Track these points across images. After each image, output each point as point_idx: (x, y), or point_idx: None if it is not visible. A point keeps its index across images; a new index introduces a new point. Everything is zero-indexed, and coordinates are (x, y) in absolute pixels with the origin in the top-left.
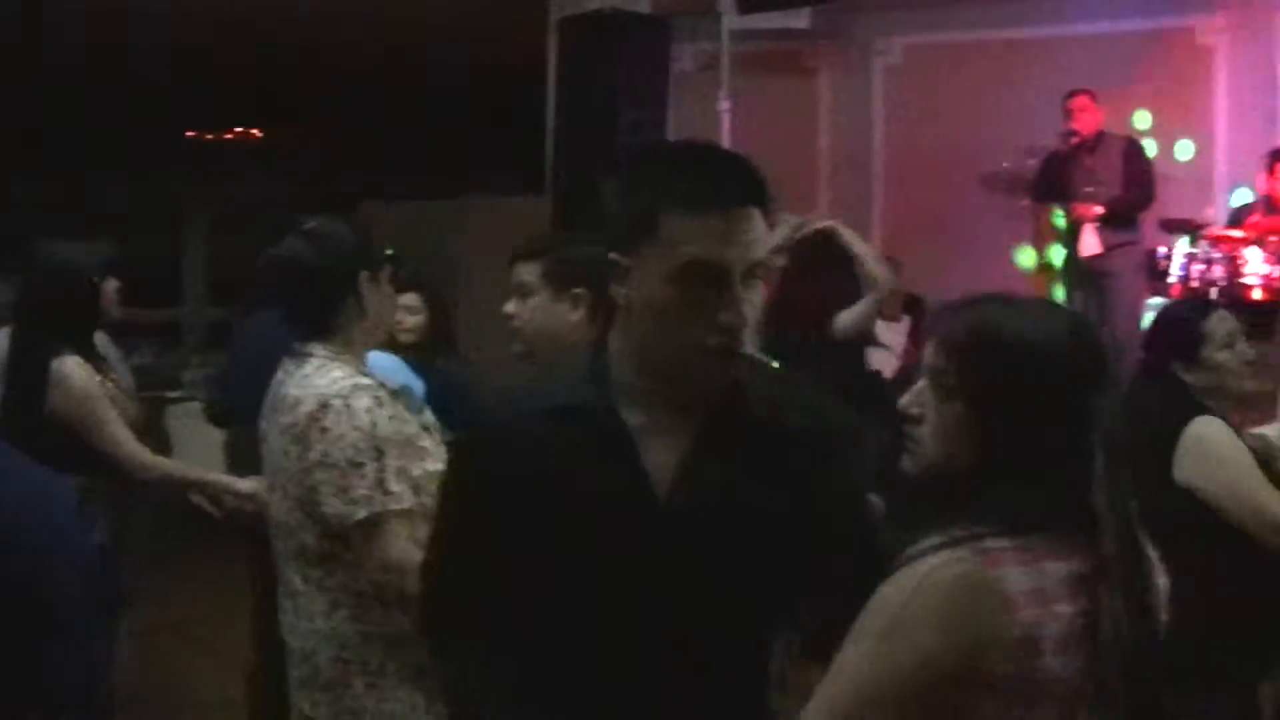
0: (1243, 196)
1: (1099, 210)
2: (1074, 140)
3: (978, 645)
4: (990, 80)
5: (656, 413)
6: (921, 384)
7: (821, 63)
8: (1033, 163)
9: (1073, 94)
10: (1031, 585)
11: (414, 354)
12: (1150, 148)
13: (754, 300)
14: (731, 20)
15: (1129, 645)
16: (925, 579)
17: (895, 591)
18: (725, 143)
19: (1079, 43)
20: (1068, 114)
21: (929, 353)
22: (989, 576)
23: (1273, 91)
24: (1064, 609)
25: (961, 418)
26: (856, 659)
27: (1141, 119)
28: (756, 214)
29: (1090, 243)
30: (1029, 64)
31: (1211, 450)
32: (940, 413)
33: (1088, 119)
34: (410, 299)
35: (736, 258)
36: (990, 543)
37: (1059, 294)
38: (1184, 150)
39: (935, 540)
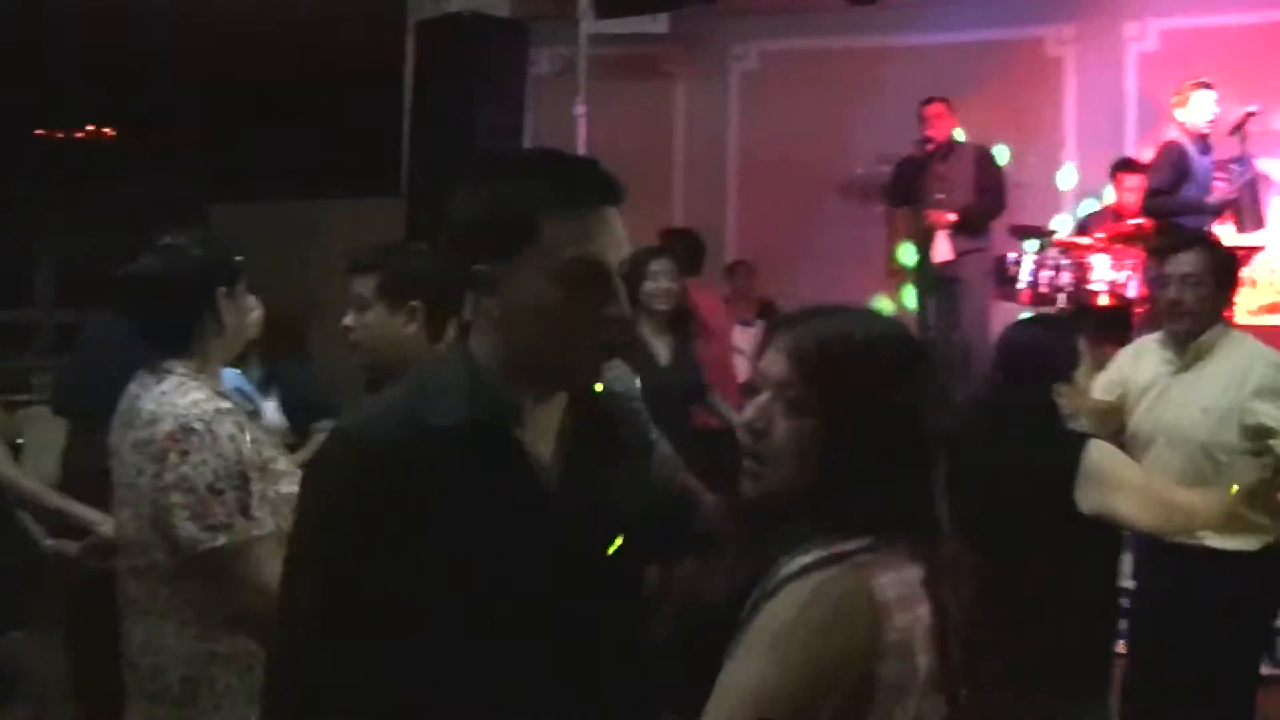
0: (1090, 205)
1: (951, 217)
2: (928, 147)
3: (864, 654)
4: (845, 87)
5: (525, 413)
6: (766, 397)
7: (679, 68)
8: (887, 169)
9: (927, 101)
10: (899, 592)
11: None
12: (1001, 156)
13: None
14: (589, 25)
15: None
16: (813, 594)
17: (785, 607)
18: (581, 147)
19: (932, 51)
20: (922, 120)
21: (773, 365)
22: (868, 587)
23: (1120, 102)
24: (923, 611)
25: (809, 430)
26: (751, 675)
27: (992, 127)
28: (618, 212)
29: (942, 249)
30: (884, 72)
31: (1114, 474)
32: (788, 426)
33: (941, 125)
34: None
35: (614, 255)
36: (862, 556)
37: (910, 298)
38: (1034, 158)
39: (813, 556)
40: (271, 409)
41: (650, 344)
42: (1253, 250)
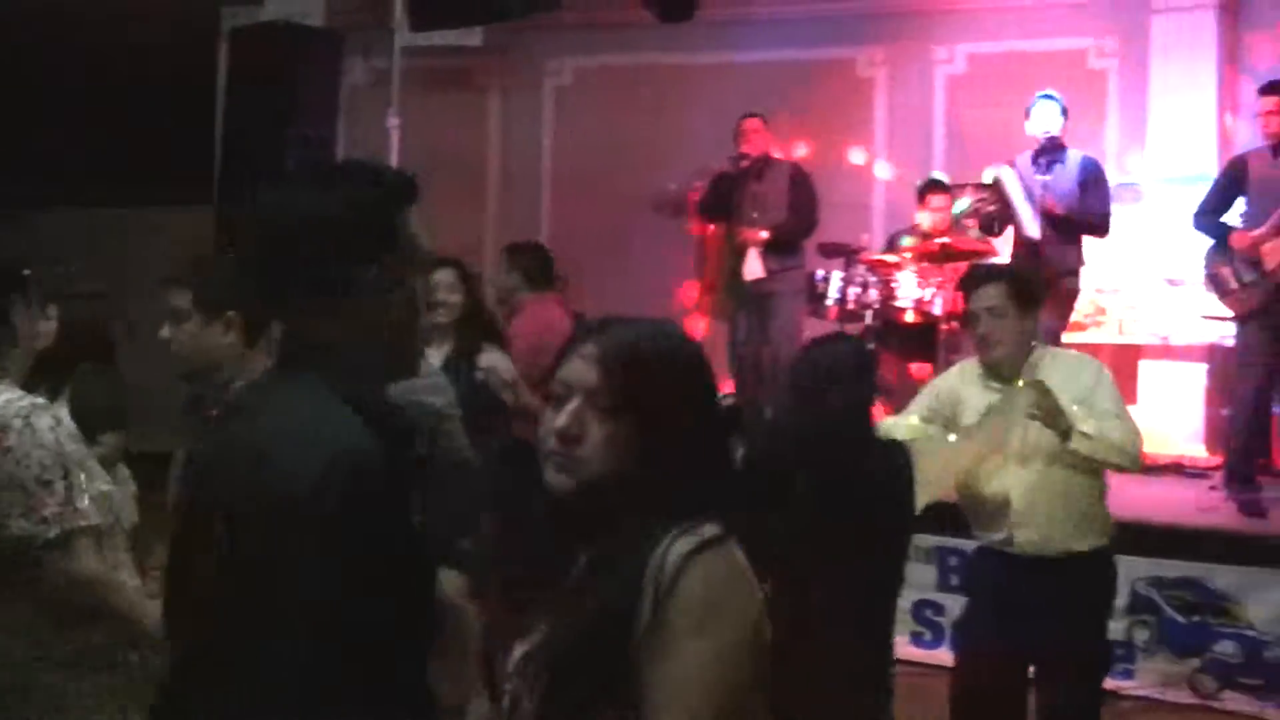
0: (898, 223)
1: (764, 235)
2: (743, 163)
3: (760, 621)
4: (659, 104)
5: None
6: (576, 403)
7: (493, 81)
8: (699, 185)
9: (745, 116)
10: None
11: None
12: (813, 173)
13: None
14: (404, 36)
15: None
16: (715, 573)
17: (698, 591)
18: (394, 158)
19: (745, 70)
20: (739, 135)
21: (582, 373)
22: (743, 561)
23: (929, 123)
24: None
25: (622, 432)
26: (693, 666)
27: (804, 146)
28: None
29: (754, 267)
30: (697, 89)
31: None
32: (601, 429)
33: (758, 141)
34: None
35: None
36: (723, 536)
37: (722, 312)
38: (844, 177)
39: (690, 542)
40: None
41: (426, 355)
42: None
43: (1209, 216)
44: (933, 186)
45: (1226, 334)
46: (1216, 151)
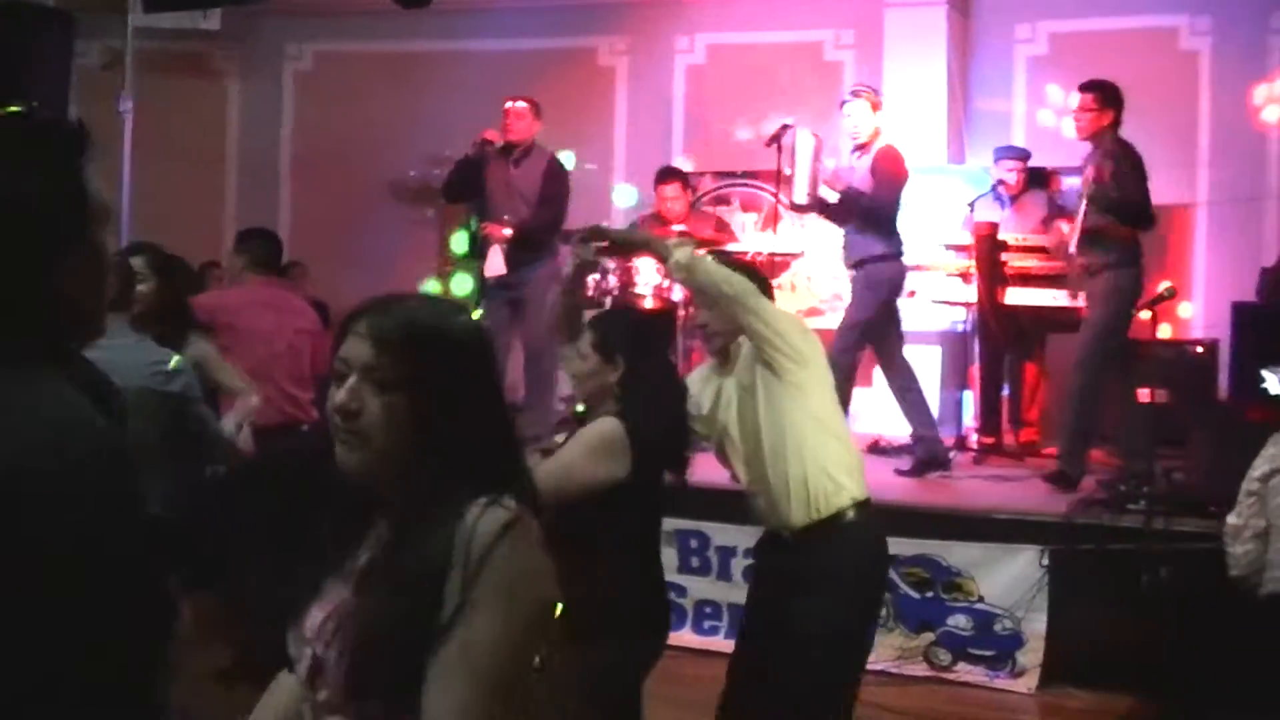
0: (638, 210)
1: (507, 233)
2: (489, 148)
3: (555, 595)
4: (399, 91)
5: None
6: (354, 380)
7: (232, 65)
8: (439, 172)
9: (510, 100)
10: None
11: None
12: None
13: None
14: (138, 18)
15: None
16: (519, 544)
17: (504, 562)
18: (128, 143)
19: (486, 58)
20: (505, 117)
21: (358, 350)
22: (538, 535)
23: (669, 112)
24: None
25: (398, 406)
26: (491, 630)
27: (547, 134)
28: None
29: (495, 263)
30: (438, 76)
31: None
32: (380, 404)
33: (522, 127)
34: None
35: None
36: (519, 509)
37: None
38: (587, 164)
39: (498, 517)
40: None
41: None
42: (791, 257)
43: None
44: (667, 175)
45: (958, 319)
46: (947, 143)
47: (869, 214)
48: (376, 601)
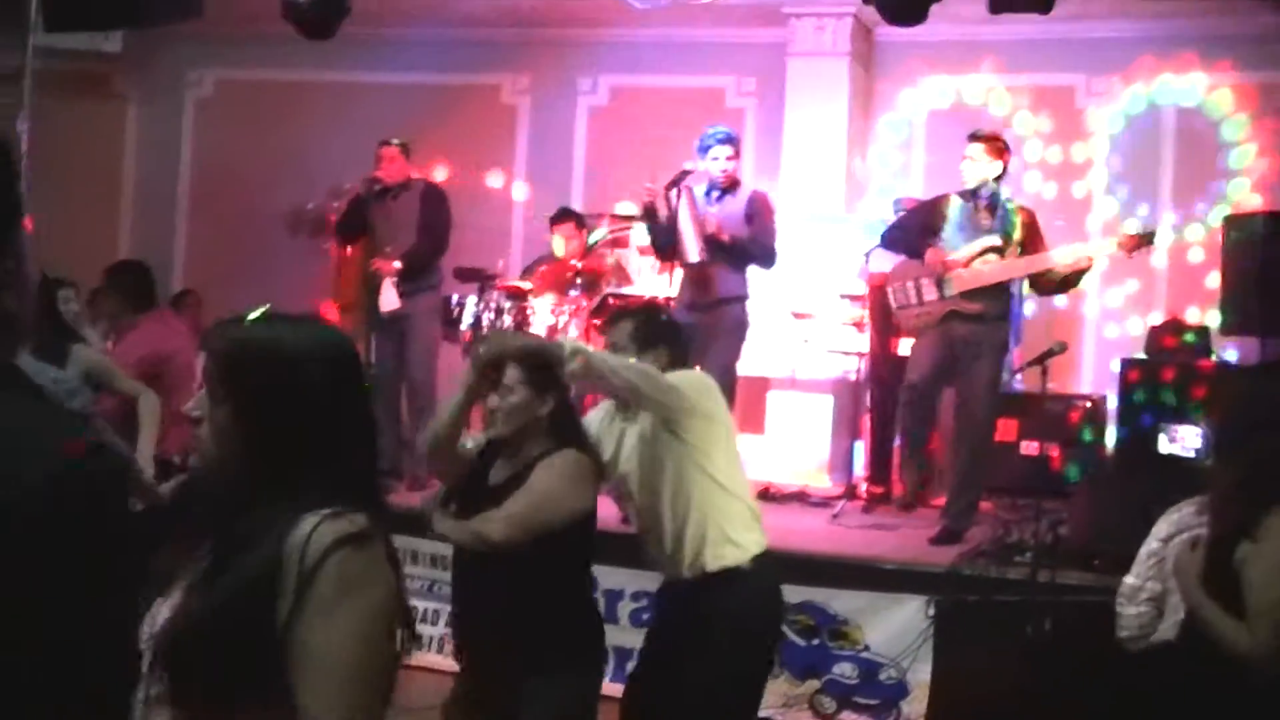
0: (536, 250)
1: (397, 265)
2: (377, 187)
3: (394, 611)
4: (301, 120)
5: None
6: (201, 391)
7: (131, 90)
8: (337, 205)
9: (383, 144)
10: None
11: None
12: (453, 197)
13: None
14: (38, 37)
15: None
16: (357, 558)
17: (342, 575)
18: (25, 165)
19: (390, 91)
20: (377, 160)
21: (204, 363)
22: (384, 550)
23: (570, 151)
24: None
25: (226, 418)
26: (340, 646)
27: (445, 169)
28: None
29: (389, 298)
30: (340, 107)
31: None
32: (214, 415)
33: (393, 169)
34: None
35: None
36: (365, 523)
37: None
38: (486, 201)
39: (338, 530)
40: None
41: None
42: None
43: (902, 232)
44: (565, 215)
45: (850, 368)
46: (845, 193)
47: (757, 258)
48: (196, 601)
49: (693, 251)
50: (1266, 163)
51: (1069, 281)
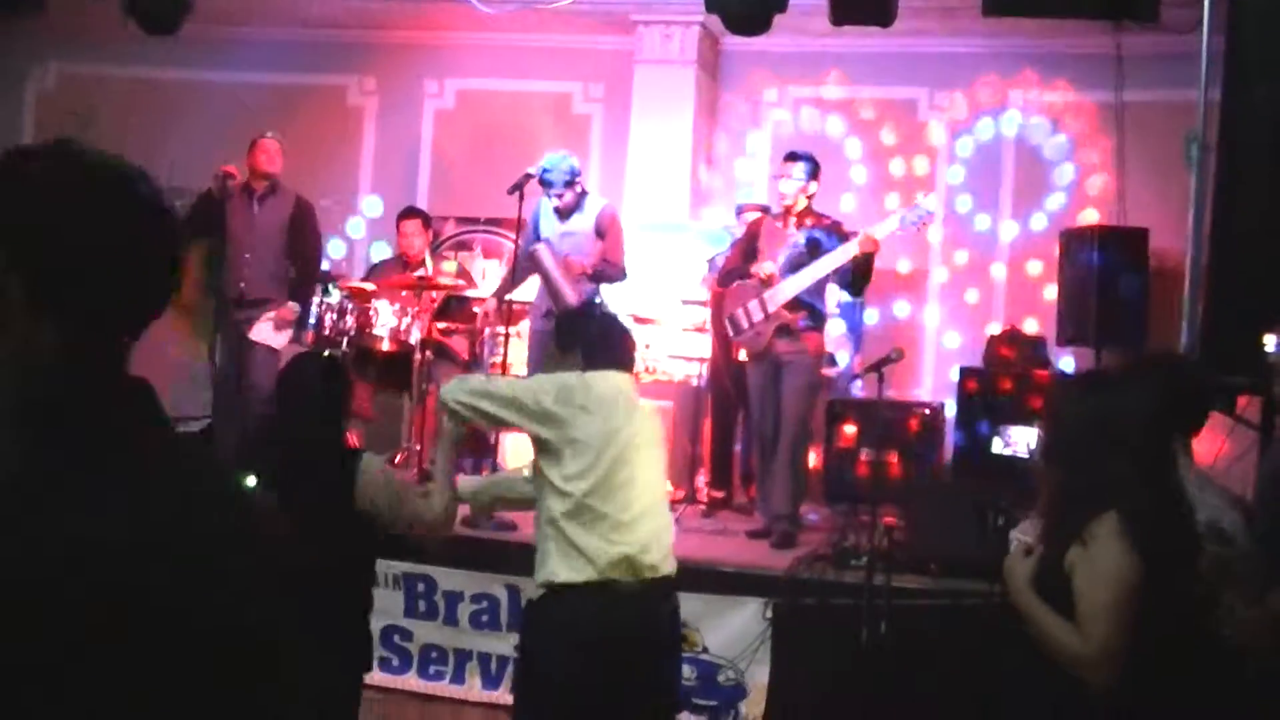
0: (382, 251)
1: (296, 310)
2: (235, 183)
3: None
4: (145, 117)
5: None
6: None
7: None
8: (181, 204)
9: (262, 135)
10: None
11: None
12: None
13: None
14: None
15: None
16: None
17: None
18: None
19: (234, 89)
20: (252, 150)
21: None
22: None
23: (415, 155)
24: None
25: None
26: None
27: (292, 170)
28: None
29: (265, 332)
30: (186, 105)
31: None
32: None
33: (268, 163)
34: None
35: None
36: None
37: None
38: (332, 203)
39: None
40: None
41: None
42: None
43: (731, 269)
44: (408, 213)
45: (691, 374)
46: (690, 200)
47: (612, 279)
48: None
49: (570, 297)
50: (1102, 179)
51: (866, 269)
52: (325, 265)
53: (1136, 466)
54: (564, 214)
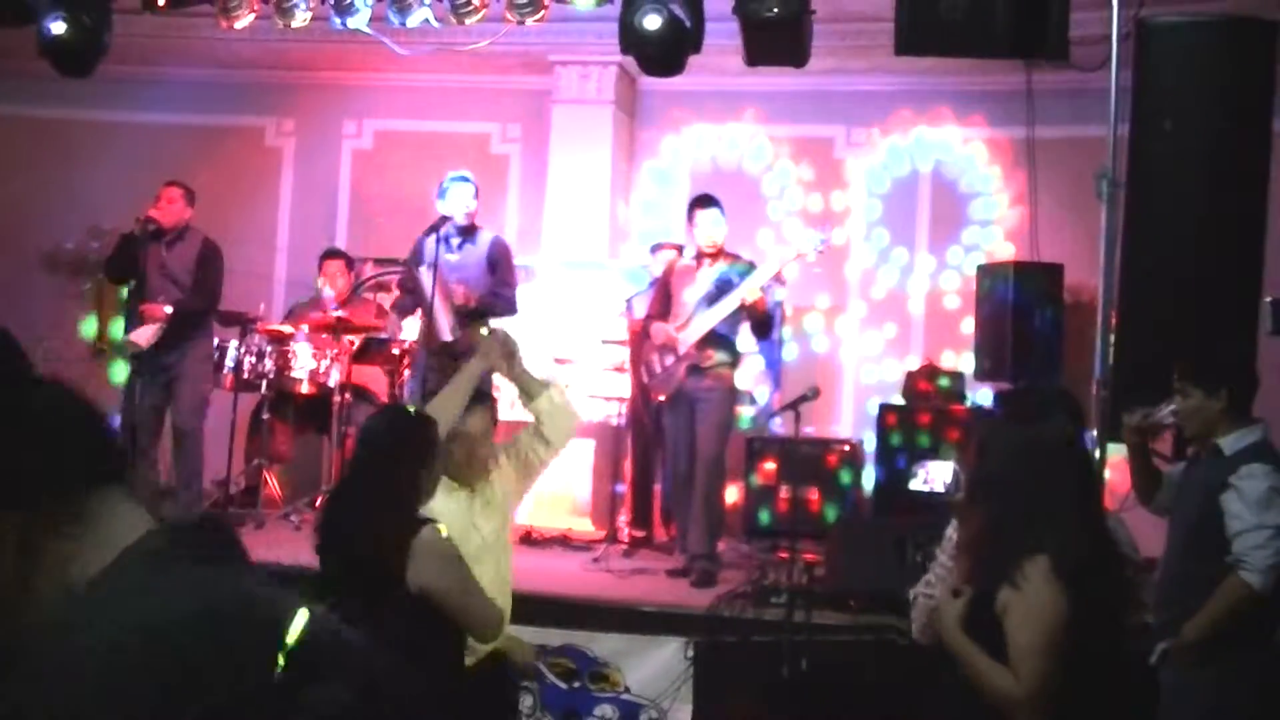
0: (299, 293)
1: (167, 310)
2: (149, 227)
3: None
4: (60, 159)
5: None
6: None
7: None
8: (96, 245)
9: (168, 183)
10: None
11: None
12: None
13: None
14: None
15: None
16: None
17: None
18: None
19: (151, 130)
20: (157, 197)
21: None
22: None
23: (334, 196)
24: None
25: None
26: None
27: (209, 211)
28: None
29: (145, 334)
30: (102, 146)
31: None
32: None
33: (173, 211)
34: None
35: None
36: None
37: (118, 374)
38: (249, 244)
39: None
40: None
41: None
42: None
43: (652, 320)
44: (330, 254)
45: (611, 413)
46: (609, 238)
47: (501, 313)
48: None
49: (445, 331)
50: (1017, 213)
51: (758, 317)
52: (259, 310)
53: (1066, 499)
54: (458, 243)
